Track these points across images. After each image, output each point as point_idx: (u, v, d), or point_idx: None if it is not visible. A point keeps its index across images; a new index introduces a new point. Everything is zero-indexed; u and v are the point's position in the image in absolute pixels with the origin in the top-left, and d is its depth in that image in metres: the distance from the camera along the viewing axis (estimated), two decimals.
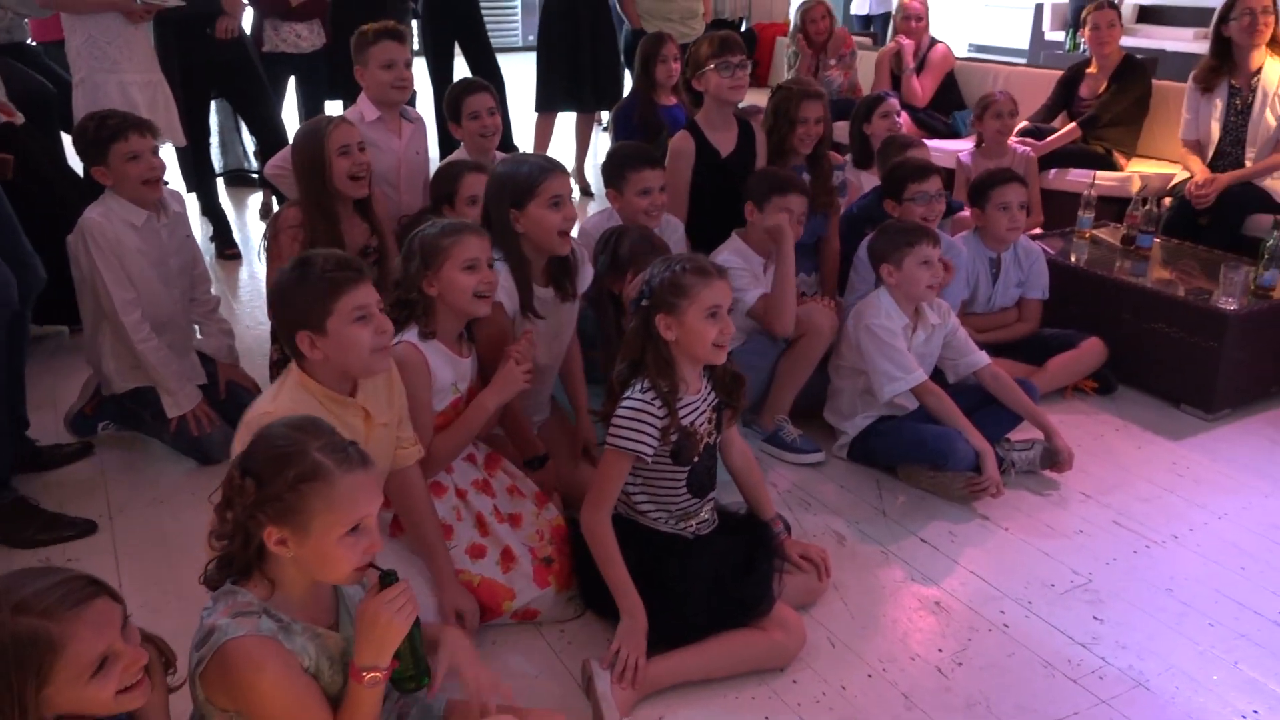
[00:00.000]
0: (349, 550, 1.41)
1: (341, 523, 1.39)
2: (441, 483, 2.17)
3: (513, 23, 13.09)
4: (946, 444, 2.62)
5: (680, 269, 1.99)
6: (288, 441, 1.41)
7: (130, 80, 3.75)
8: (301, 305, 1.78)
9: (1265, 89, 3.74)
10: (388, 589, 1.43)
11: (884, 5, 8.71)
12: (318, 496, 1.37)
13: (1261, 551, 2.47)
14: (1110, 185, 4.21)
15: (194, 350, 2.99)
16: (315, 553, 1.40)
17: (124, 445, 2.94)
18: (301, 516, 1.38)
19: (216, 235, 4.72)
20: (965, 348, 2.85)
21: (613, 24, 5.63)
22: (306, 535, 1.38)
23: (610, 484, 2.02)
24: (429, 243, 2.10)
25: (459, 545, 2.12)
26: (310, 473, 1.38)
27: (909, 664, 2.08)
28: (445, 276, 2.08)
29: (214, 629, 1.38)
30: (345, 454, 1.42)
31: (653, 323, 1.99)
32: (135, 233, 2.72)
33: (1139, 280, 3.40)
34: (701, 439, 2.07)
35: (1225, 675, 2.05)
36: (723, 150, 3.34)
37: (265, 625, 1.40)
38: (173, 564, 2.36)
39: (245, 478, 1.39)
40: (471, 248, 2.10)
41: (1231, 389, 3.16)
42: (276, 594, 1.44)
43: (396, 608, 1.42)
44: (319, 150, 2.72)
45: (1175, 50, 7.73)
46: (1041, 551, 2.48)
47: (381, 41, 3.23)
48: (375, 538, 1.44)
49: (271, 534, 1.39)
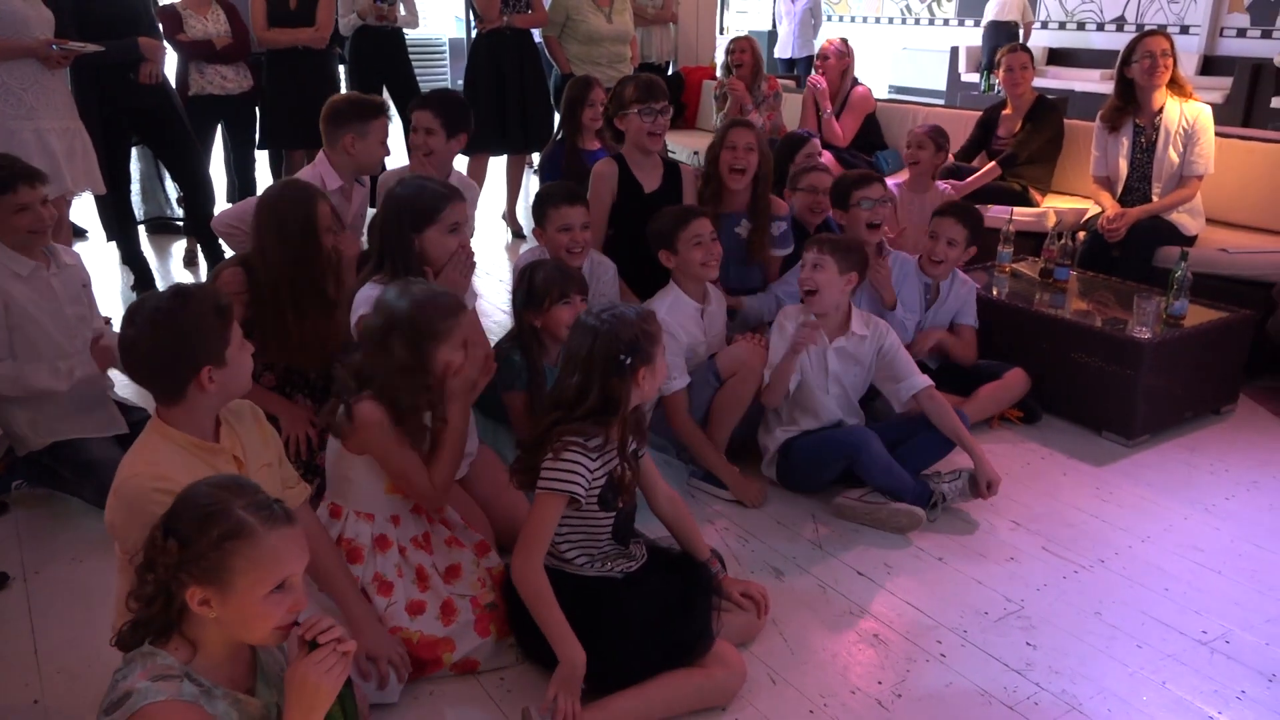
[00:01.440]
0: (274, 608, 1.38)
1: (266, 581, 1.36)
2: (388, 537, 2.13)
3: (441, 66, 13.13)
4: (858, 441, 2.73)
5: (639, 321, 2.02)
6: (211, 500, 1.38)
7: (47, 128, 3.66)
8: (203, 338, 1.73)
9: (1167, 128, 3.91)
10: (316, 650, 1.39)
11: (807, 49, 8.96)
12: (242, 555, 1.34)
13: (1183, 573, 2.55)
14: (1027, 221, 4.35)
15: (111, 401, 2.90)
16: (238, 612, 1.37)
17: (39, 503, 2.83)
18: (225, 575, 1.34)
19: (138, 284, 4.61)
20: (906, 370, 2.86)
21: (541, 68, 5.68)
22: (230, 594, 1.35)
23: (542, 528, 1.99)
24: (423, 320, 2.07)
25: (399, 602, 2.08)
26: (235, 531, 1.35)
27: (849, 698, 2.08)
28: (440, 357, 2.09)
29: (131, 692, 1.33)
30: (270, 511, 1.39)
31: (636, 377, 1.99)
32: (21, 282, 2.66)
33: (1058, 312, 3.51)
34: (625, 482, 2.07)
35: (1154, 695, 2.09)
36: (647, 186, 3.37)
37: (187, 690, 1.36)
38: (94, 626, 2.26)
39: (168, 538, 1.36)
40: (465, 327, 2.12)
41: (1149, 415, 3.27)
42: (198, 657, 1.40)
43: (325, 669, 1.39)
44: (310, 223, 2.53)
45: (1084, 90, 8.09)
46: (974, 580, 2.51)
47: (381, 118, 3.17)
48: (300, 596, 1.41)
49: (195, 594, 1.35)
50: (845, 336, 2.83)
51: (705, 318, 2.98)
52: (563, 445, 1.97)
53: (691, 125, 6.76)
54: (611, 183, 3.34)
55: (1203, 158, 3.89)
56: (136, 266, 4.62)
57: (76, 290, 2.83)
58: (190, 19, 4.72)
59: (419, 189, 2.49)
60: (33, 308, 2.67)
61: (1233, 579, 2.52)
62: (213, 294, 1.78)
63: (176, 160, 4.61)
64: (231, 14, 4.82)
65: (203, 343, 1.73)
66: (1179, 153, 3.90)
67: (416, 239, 2.41)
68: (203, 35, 4.73)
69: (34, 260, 2.70)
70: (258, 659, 1.51)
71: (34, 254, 2.70)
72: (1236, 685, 2.13)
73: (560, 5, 5.62)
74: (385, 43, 5.44)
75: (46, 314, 2.71)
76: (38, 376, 2.69)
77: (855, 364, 2.87)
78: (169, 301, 1.73)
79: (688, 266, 2.89)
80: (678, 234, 2.86)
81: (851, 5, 11.76)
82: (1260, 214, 4.14)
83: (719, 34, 8.27)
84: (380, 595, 2.07)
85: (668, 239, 2.89)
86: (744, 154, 3.27)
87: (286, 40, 4.90)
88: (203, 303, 1.74)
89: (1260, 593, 2.46)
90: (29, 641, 2.23)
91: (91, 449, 2.76)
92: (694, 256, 2.86)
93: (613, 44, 5.72)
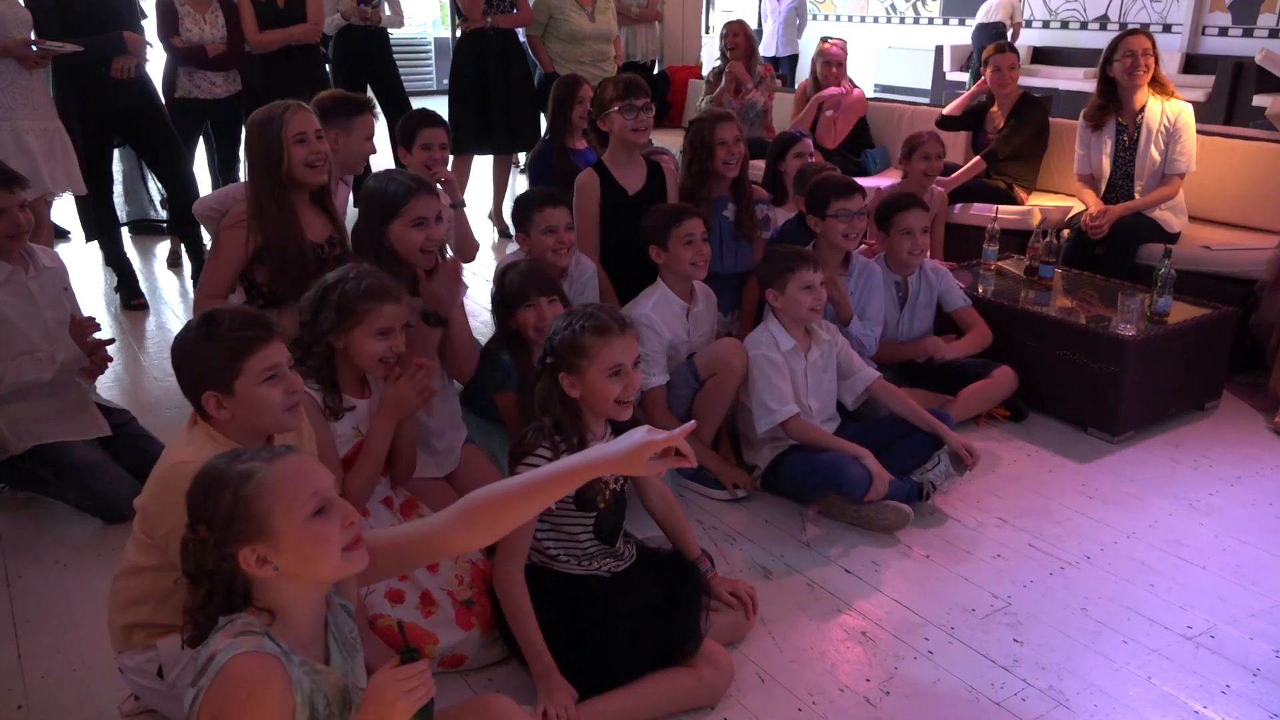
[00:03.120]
0: (325, 528, 1.34)
1: (299, 503, 1.33)
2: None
3: (426, 67, 13.10)
4: (837, 468, 2.65)
5: (580, 327, 1.99)
6: (211, 474, 1.36)
7: (26, 128, 3.64)
8: (207, 365, 1.71)
9: (1149, 126, 3.93)
10: (404, 666, 1.36)
11: (791, 47, 8.98)
12: (263, 494, 1.32)
13: (1168, 568, 2.56)
14: (1012, 219, 4.36)
15: (93, 405, 2.88)
16: (295, 551, 1.33)
17: (21, 508, 2.81)
18: (261, 521, 1.31)
19: (121, 286, 4.58)
20: (853, 365, 2.92)
21: (526, 68, 5.67)
22: (277, 537, 1.32)
23: (520, 533, 1.99)
24: (349, 302, 2.07)
25: (377, 590, 2.07)
26: (244, 479, 1.33)
27: (838, 695, 2.09)
28: (356, 339, 2.08)
29: (215, 653, 1.29)
30: (269, 452, 1.38)
31: (557, 381, 2.00)
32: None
33: (1043, 309, 3.52)
34: (608, 485, 2.07)
35: (1140, 691, 2.10)
36: (630, 188, 3.38)
37: (268, 646, 1.31)
38: (79, 631, 2.25)
39: (197, 527, 1.34)
40: (387, 316, 2.09)
41: (1134, 411, 3.29)
42: (277, 622, 1.36)
43: (407, 688, 1.35)
44: (274, 138, 2.59)
45: (1068, 89, 8.12)
46: (961, 577, 2.52)
47: (366, 114, 3.17)
48: (346, 508, 1.37)
49: (247, 557, 1.32)
50: (816, 345, 2.85)
51: (690, 318, 2.98)
52: (527, 450, 2.00)
53: (677, 124, 6.77)
54: (595, 192, 3.35)
55: (1185, 156, 3.91)
56: (119, 268, 4.58)
57: (56, 294, 2.81)
58: (187, 18, 4.64)
59: (387, 179, 2.48)
60: (10, 311, 2.65)
61: (1217, 574, 2.54)
62: (236, 320, 1.73)
63: (159, 160, 4.57)
64: (232, 16, 4.74)
65: (202, 369, 1.72)
66: (1161, 151, 3.93)
67: (385, 232, 2.40)
68: (198, 39, 4.66)
69: (11, 264, 2.68)
70: (331, 631, 1.47)
71: (11, 258, 2.68)
72: (1221, 680, 2.14)
73: (543, 4, 5.61)
74: (369, 42, 5.42)
75: (24, 318, 2.68)
76: (21, 370, 2.67)
77: (825, 371, 2.90)
78: (196, 321, 1.76)
79: (676, 264, 2.90)
80: (669, 231, 2.88)
81: (836, 4, 11.78)
82: (1242, 211, 4.17)
83: (704, 33, 8.28)
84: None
85: (659, 235, 2.90)
86: (734, 147, 3.32)
87: (281, 39, 4.83)
88: (217, 327, 1.72)
89: (1244, 587, 2.48)
90: (12, 647, 2.21)
91: (74, 452, 2.74)
92: (684, 255, 2.87)
93: (596, 43, 5.71)
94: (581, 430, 2.02)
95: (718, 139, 3.29)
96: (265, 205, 2.61)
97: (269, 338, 1.74)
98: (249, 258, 2.69)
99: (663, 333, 2.87)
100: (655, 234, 2.91)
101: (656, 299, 2.92)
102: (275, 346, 1.74)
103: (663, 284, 2.96)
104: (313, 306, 2.11)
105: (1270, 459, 3.16)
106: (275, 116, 2.61)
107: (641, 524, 2.31)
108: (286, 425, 1.79)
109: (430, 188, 2.49)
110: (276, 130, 2.59)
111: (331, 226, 2.77)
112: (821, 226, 3.17)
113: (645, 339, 2.83)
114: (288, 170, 2.61)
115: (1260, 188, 4.11)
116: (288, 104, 2.67)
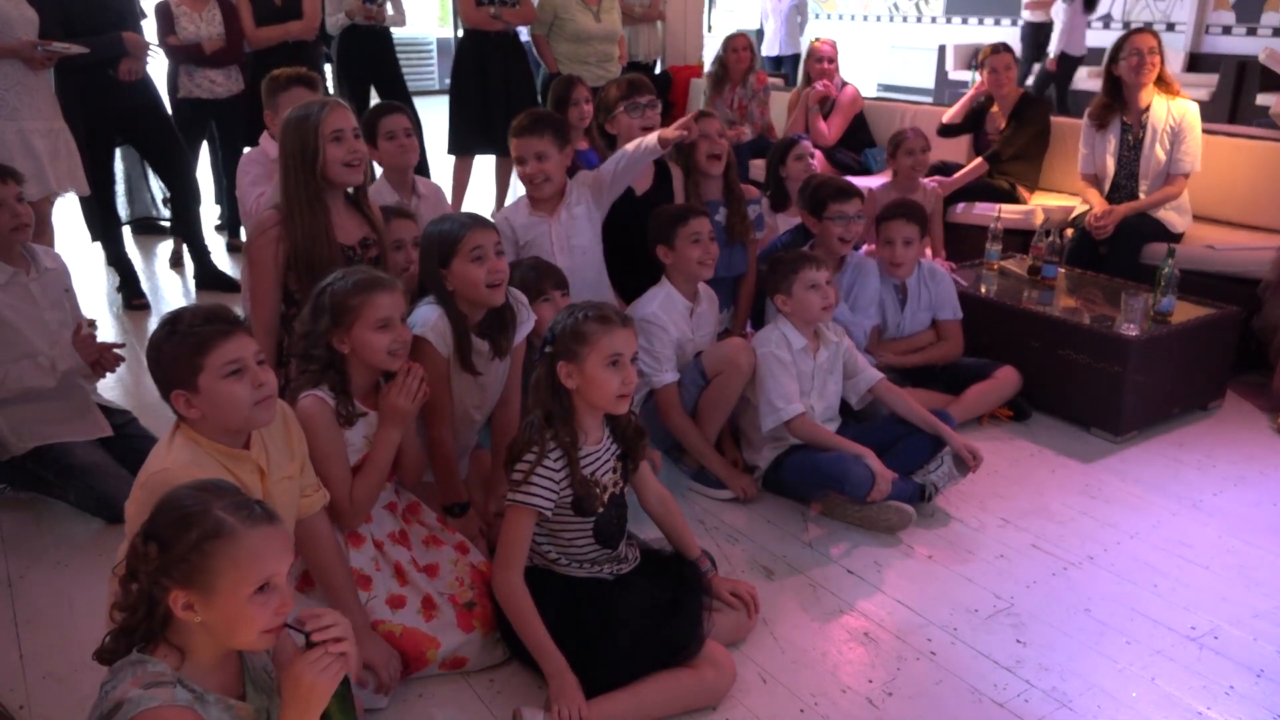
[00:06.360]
0: (259, 610, 1.35)
1: (248, 580, 1.34)
2: (360, 533, 2.13)
3: (429, 66, 13.10)
4: (839, 467, 2.64)
5: (582, 316, 1.99)
6: (189, 502, 1.37)
7: (31, 128, 3.64)
8: (172, 363, 1.71)
9: (1154, 125, 3.92)
10: (312, 649, 1.37)
11: (794, 46, 8.97)
12: (222, 555, 1.33)
13: (1172, 569, 2.55)
14: (1015, 218, 4.35)
15: (94, 406, 2.88)
16: (223, 615, 1.35)
17: (23, 508, 2.81)
18: (207, 577, 1.32)
19: (123, 285, 4.58)
20: (857, 365, 2.92)
21: (529, 68, 5.66)
22: (214, 596, 1.33)
23: (516, 542, 2.00)
24: (339, 301, 2.05)
25: (379, 596, 2.07)
26: (213, 531, 1.33)
27: (840, 696, 2.08)
28: (357, 336, 2.06)
29: (123, 701, 1.30)
30: (250, 510, 1.38)
31: (555, 371, 1.99)
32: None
33: (1046, 309, 3.51)
34: (605, 489, 2.07)
35: (1143, 692, 2.10)
36: (639, 188, 3.37)
37: (181, 696, 1.33)
38: (80, 631, 2.25)
39: (148, 543, 1.34)
40: (383, 306, 2.06)
41: (1137, 411, 3.28)
42: (186, 664, 1.38)
43: (320, 668, 1.36)
44: (310, 135, 2.45)
45: (1072, 87, 8.10)
46: (964, 577, 2.52)
47: (293, 88, 3.17)
48: (286, 596, 1.39)
49: (178, 598, 1.33)
50: (824, 347, 2.85)
51: (694, 318, 2.98)
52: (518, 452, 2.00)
53: None
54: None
55: (1189, 155, 3.90)
56: (121, 268, 4.58)
57: (58, 295, 2.81)
58: (183, 18, 4.67)
59: (441, 220, 2.41)
60: (11, 313, 2.65)
61: (1220, 574, 2.53)
62: (196, 317, 1.72)
63: (162, 161, 4.57)
64: (229, 14, 4.77)
65: (167, 368, 1.72)
66: (1166, 150, 3.92)
67: (445, 274, 2.34)
68: (194, 36, 4.69)
69: (13, 265, 2.67)
70: (245, 665, 1.49)
71: (12, 258, 2.67)
72: (1225, 680, 2.13)
73: (548, 4, 5.60)
74: (373, 42, 5.41)
75: (26, 321, 2.68)
76: (23, 375, 2.67)
77: (832, 374, 2.89)
78: (161, 321, 1.76)
79: (683, 263, 2.90)
80: (676, 230, 2.88)
81: (839, 3, 11.77)
82: (1246, 211, 4.15)
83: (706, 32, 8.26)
84: (360, 589, 2.06)
85: (666, 234, 2.90)
86: (717, 140, 3.34)
87: (277, 36, 4.87)
88: (177, 325, 1.72)
89: (1248, 588, 2.47)
90: (14, 648, 2.21)
91: (75, 453, 2.75)
92: (691, 253, 2.87)
93: (601, 43, 5.70)
94: (573, 428, 2.02)
95: (701, 132, 3.30)
96: (296, 207, 2.50)
97: (231, 332, 1.72)
98: (282, 264, 2.56)
99: (670, 330, 2.88)
100: (662, 234, 2.92)
101: (662, 299, 2.93)
102: (238, 340, 1.72)
103: (668, 284, 2.97)
104: (309, 315, 2.09)
105: (1274, 459, 3.16)
106: (312, 113, 2.48)
107: (643, 525, 2.31)
108: (256, 421, 1.76)
109: (486, 222, 2.41)
110: (313, 127, 2.45)
111: (368, 227, 2.66)
112: (819, 228, 3.17)
113: (655, 337, 2.83)
114: (323, 169, 2.49)
115: (1265, 187, 4.10)
116: (325, 100, 2.55)
